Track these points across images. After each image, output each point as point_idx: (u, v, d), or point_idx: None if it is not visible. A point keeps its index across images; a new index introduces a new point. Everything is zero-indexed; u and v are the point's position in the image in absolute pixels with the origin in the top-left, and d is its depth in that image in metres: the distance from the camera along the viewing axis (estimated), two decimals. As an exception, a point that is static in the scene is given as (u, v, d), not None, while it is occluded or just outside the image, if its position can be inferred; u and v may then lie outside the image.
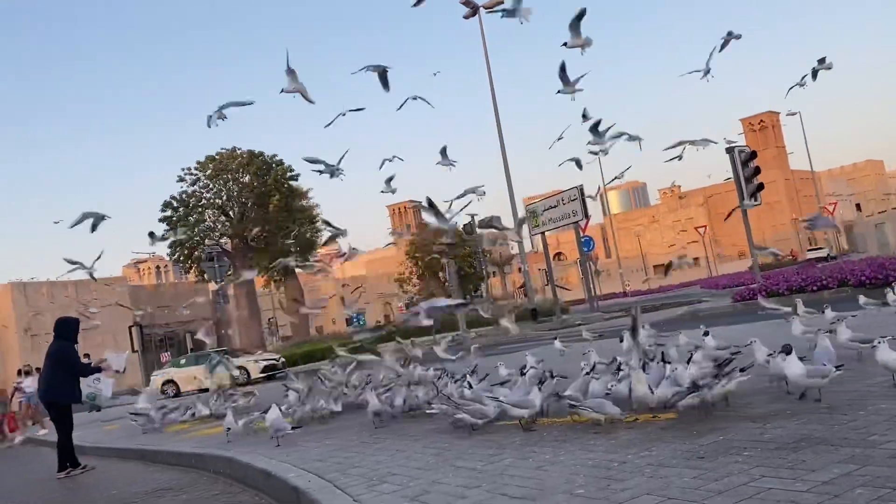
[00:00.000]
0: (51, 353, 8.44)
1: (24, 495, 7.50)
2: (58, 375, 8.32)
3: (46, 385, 8.40)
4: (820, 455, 3.11)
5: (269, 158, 43.64)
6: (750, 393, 4.83)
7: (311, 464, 4.97)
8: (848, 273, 16.26)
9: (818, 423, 3.71)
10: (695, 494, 2.85)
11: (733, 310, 17.04)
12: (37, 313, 63.73)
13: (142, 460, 8.61)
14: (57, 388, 8.31)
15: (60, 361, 8.34)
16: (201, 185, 42.92)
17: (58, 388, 8.31)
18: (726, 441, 3.64)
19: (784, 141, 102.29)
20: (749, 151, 19.43)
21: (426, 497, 3.52)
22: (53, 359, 8.36)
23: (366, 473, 4.33)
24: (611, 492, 3.07)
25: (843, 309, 7.29)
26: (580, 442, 4.24)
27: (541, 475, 3.57)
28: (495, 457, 4.20)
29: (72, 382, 8.44)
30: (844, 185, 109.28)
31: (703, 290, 35.62)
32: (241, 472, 5.85)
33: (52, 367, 8.36)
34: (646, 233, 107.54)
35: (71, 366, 8.42)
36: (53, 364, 8.35)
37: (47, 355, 8.48)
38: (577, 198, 25.26)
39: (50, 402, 8.42)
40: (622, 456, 3.69)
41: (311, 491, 4.11)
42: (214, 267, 21.54)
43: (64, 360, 8.35)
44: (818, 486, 2.71)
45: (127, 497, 6.23)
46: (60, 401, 8.36)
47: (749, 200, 18.56)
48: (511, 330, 8.96)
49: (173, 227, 41.31)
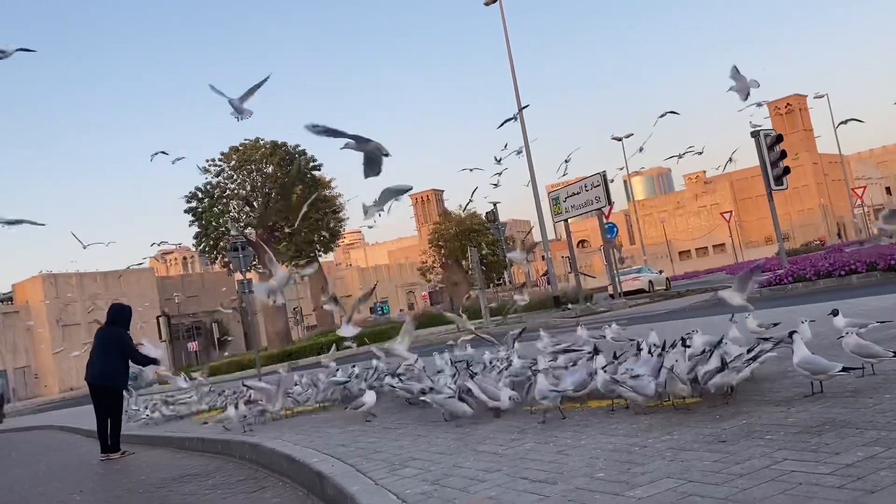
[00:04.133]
0: (106, 340, 8.64)
1: (58, 482, 7.67)
2: (113, 361, 8.55)
3: (101, 370, 8.56)
4: (844, 438, 3.07)
5: (293, 149, 43.89)
6: (775, 377, 4.79)
7: (335, 449, 5.03)
8: (877, 257, 15.99)
9: (843, 406, 3.67)
10: (715, 477, 2.83)
11: (759, 296, 16.85)
12: (67, 304, 64.88)
13: (169, 447, 8.77)
14: (112, 374, 8.56)
15: (119, 348, 8.56)
16: (225, 175, 43.28)
17: (112, 373, 8.56)
18: (749, 425, 3.61)
19: (811, 124, 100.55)
20: (775, 135, 19.16)
21: (446, 481, 3.54)
22: (111, 345, 8.57)
23: (388, 458, 4.37)
24: (631, 475, 3.07)
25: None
26: (601, 426, 4.23)
27: (561, 459, 3.57)
28: (516, 441, 4.21)
29: (126, 369, 8.72)
30: (874, 168, 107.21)
31: (728, 276, 35.27)
32: (266, 457, 5.93)
33: (107, 352, 8.55)
34: (671, 219, 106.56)
35: (131, 353, 8.67)
36: (109, 350, 8.55)
37: (101, 341, 8.67)
38: (600, 184, 25.07)
39: (105, 387, 8.59)
40: (643, 440, 3.68)
41: (334, 476, 4.15)
42: (239, 257, 21.68)
43: (123, 347, 8.59)
44: (841, 468, 2.68)
45: (155, 482, 6.35)
46: (118, 385, 8.70)
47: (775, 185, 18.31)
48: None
49: (198, 217, 41.74)
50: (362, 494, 3.56)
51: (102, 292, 68.95)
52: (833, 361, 3.98)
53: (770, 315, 8.09)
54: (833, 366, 3.91)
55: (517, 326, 17.59)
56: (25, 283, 66.97)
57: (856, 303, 8.81)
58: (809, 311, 7.58)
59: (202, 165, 41.76)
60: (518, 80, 28.94)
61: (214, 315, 66.85)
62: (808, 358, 4.03)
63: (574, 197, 26.50)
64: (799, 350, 4.08)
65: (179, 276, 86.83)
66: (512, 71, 29.00)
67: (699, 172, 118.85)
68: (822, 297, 12.48)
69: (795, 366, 4.07)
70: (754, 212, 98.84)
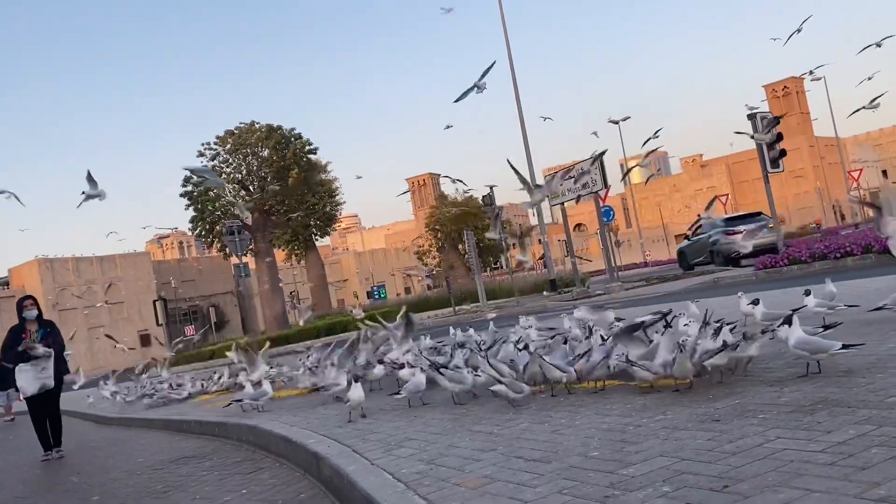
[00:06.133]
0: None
1: (56, 464, 7.70)
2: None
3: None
4: (836, 417, 3.10)
5: (288, 132, 43.69)
6: (769, 357, 4.81)
7: (332, 430, 5.05)
8: (873, 240, 16.02)
9: (836, 386, 3.69)
10: (708, 456, 2.86)
11: (755, 278, 16.90)
12: (63, 288, 64.86)
13: (167, 429, 8.81)
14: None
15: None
16: (221, 159, 43.11)
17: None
18: (742, 404, 3.64)
19: (808, 107, 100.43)
20: (771, 117, 19.09)
21: (442, 460, 3.56)
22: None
23: (384, 439, 4.39)
24: (625, 454, 3.09)
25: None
26: (596, 406, 4.26)
27: (556, 438, 3.60)
28: (511, 421, 4.24)
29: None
30: (870, 151, 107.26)
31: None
32: (263, 439, 5.96)
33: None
34: (667, 202, 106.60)
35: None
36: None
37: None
38: (596, 167, 25.00)
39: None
40: (637, 420, 3.71)
41: (330, 456, 4.18)
42: (236, 241, 21.68)
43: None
44: (833, 446, 2.70)
45: (153, 464, 6.38)
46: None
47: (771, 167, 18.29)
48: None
49: (193, 201, 41.61)
50: (358, 474, 3.59)
51: (99, 277, 69.00)
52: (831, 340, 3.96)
53: (765, 298, 8.10)
54: (832, 344, 3.89)
55: (512, 309, 17.48)
56: (22, 268, 66.94)
57: (850, 284, 8.84)
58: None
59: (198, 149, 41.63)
60: (514, 62, 28.81)
61: (211, 299, 66.82)
62: (805, 339, 4.02)
63: (570, 180, 26.45)
64: (794, 332, 4.06)
65: (176, 261, 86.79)
66: (508, 53, 28.87)
67: (696, 156, 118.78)
68: (816, 279, 12.48)
69: (792, 348, 4.05)
70: (751, 195, 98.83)
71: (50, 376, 7.86)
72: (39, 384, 7.78)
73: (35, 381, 7.78)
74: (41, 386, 7.79)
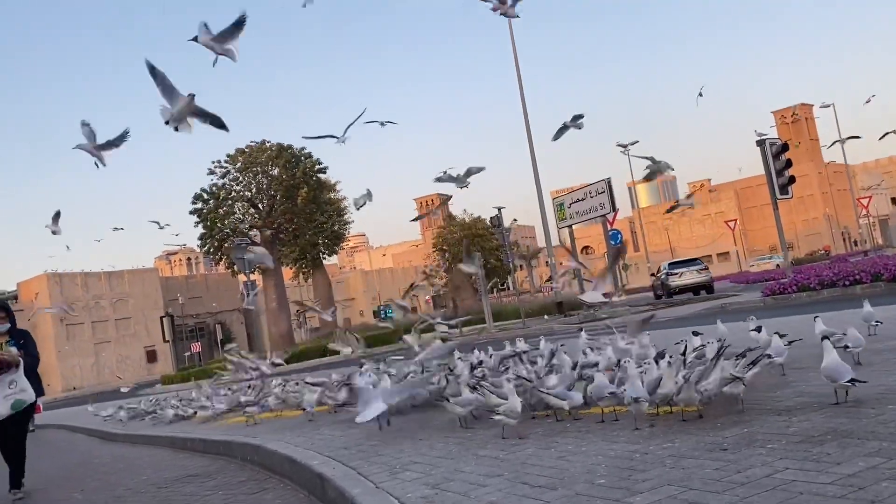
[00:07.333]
0: None
1: (60, 480, 7.69)
2: None
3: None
4: (846, 448, 3.07)
5: (298, 151, 44.00)
6: (777, 386, 4.79)
7: (337, 451, 5.04)
8: (881, 267, 15.94)
9: (845, 416, 3.66)
10: (716, 486, 2.84)
11: (763, 304, 16.83)
12: (71, 303, 65.02)
13: (171, 447, 8.79)
14: None
15: None
16: (231, 177, 43.40)
17: None
18: (750, 434, 3.61)
19: (817, 133, 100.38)
20: (780, 143, 19.12)
21: (447, 485, 3.54)
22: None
23: (388, 462, 4.38)
24: (632, 482, 3.07)
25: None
26: (603, 433, 4.24)
27: (562, 465, 3.58)
28: (518, 446, 4.22)
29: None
30: (880, 178, 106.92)
31: (732, 284, 35.19)
32: (268, 459, 5.94)
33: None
34: (675, 226, 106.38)
35: None
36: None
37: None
38: (604, 191, 25.07)
39: None
40: (644, 447, 3.69)
41: (335, 478, 4.16)
42: (244, 259, 21.77)
43: None
44: (842, 478, 2.68)
45: (157, 482, 6.36)
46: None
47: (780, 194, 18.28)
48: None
49: (203, 219, 41.82)
50: (363, 497, 3.57)
51: (107, 292, 69.23)
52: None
53: (773, 324, 8.07)
54: (843, 376, 3.86)
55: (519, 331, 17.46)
56: (31, 282, 67.22)
57: (858, 313, 8.77)
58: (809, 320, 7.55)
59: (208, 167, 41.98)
60: (524, 84, 28.99)
61: (218, 316, 66.87)
62: (831, 365, 3.94)
63: (578, 203, 26.51)
64: (828, 355, 3.96)
65: (184, 277, 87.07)
66: (518, 76, 29.05)
67: (704, 181, 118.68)
68: (825, 306, 12.45)
69: (821, 370, 4.00)
70: (759, 220, 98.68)
71: (25, 390, 6.35)
72: (10, 402, 6.23)
73: (2, 400, 6.21)
74: (14, 403, 6.25)
